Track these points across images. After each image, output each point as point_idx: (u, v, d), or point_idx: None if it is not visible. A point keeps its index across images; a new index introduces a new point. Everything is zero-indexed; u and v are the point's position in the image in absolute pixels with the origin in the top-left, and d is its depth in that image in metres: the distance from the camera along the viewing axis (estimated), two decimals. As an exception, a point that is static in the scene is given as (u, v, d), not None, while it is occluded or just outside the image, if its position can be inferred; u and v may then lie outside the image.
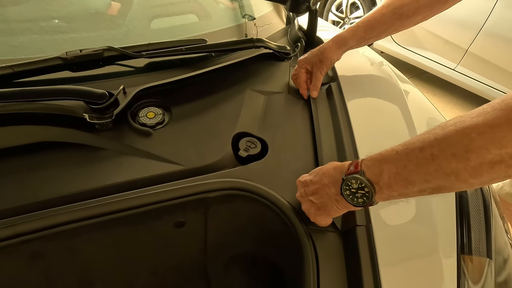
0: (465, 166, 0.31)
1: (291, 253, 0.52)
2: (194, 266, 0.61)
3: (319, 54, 0.72)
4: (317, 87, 0.72)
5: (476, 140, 0.30)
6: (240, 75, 0.77)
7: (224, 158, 0.59)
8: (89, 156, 0.55)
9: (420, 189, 0.36)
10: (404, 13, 0.65)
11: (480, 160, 0.30)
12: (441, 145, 0.33)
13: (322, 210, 0.46)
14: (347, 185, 0.41)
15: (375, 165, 0.39)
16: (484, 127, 0.30)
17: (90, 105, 0.58)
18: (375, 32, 0.68)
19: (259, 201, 0.53)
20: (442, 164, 0.33)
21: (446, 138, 0.33)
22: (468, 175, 0.32)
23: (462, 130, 0.32)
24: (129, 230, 0.51)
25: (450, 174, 0.33)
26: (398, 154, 0.37)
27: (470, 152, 0.31)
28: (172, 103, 0.66)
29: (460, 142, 0.32)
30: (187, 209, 0.53)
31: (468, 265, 0.49)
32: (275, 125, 0.66)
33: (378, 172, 0.38)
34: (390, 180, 0.37)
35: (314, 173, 0.48)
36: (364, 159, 0.41)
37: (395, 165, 0.36)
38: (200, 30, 0.89)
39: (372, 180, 0.38)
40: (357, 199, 0.40)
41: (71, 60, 0.62)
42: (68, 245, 0.48)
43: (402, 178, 0.36)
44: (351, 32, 0.70)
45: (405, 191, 0.37)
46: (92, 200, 0.48)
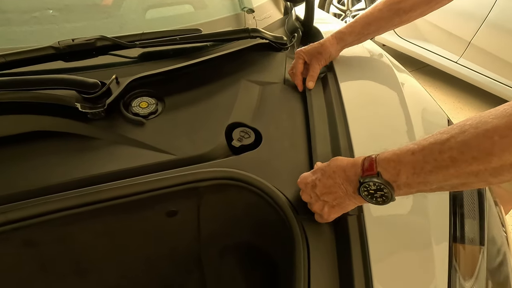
0: (486, 167, 0.31)
1: (284, 243, 0.52)
2: (188, 254, 0.62)
3: (319, 47, 0.72)
4: (313, 78, 0.72)
5: (499, 143, 0.30)
6: (235, 65, 0.76)
7: (217, 148, 0.58)
8: (82, 145, 0.55)
9: (438, 187, 0.36)
10: (401, 9, 0.65)
11: (502, 162, 0.30)
12: (461, 148, 0.32)
13: (338, 208, 0.46)
14: (365, 187, 0.40)
15: (391, 167, 0.38)
16: (507, 129, 0.30)
17: (82, 94, 0.58)
18: (373, 28, 0.69)
19: (252, 190, 0.53)
20: (462, 166, 0.33)
21: (467, 141, 0.32)
22: (488, 175, 0.32)
23: (484, 133, 0.31)
24: (121, 219, 0.51)
25: (470, 174, 0.33)
26: (415, 156, 0.36)
27: (492, 155, 0.30)
28: (165, 93, 0.66)
29: (481, 146, 0.31)
30: (179, 198, 0.53)
31: (461, 254, 0.49)
32: (270, 116, 0.66)
33: (395, 173, 0.38)
34: (408, 179, 0.37)
35: (319, 172, 0.47)
36: (378, 159, 0.40)
37: (413, 166, 0.36)
38: (196, 20, 0.88)
39: (389, 181, 0.38)
40: (376, 199, 0.41)
41: (64, 49, 0.61)
42: (60, 233, 0.49)
43: (421, 178, 0.36)
44: (349, 28, 0.71)
45: (423, 188, 0.37)
46: (84, 188, 0.48)
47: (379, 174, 0.39)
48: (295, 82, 0.73)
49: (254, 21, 0.92)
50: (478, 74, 2.17)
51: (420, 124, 0.61)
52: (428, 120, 0.64)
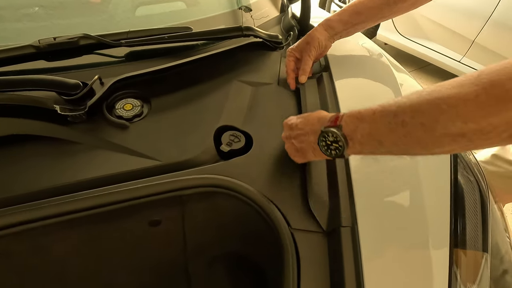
0: (430, 136, 0.33)
1: (274, 254, 0.49)
2: (174, 265, 0.59)
3: (306, 37, 0.70)
4: (305, 71, 0.68)
5: (446, 112, 0.31)
6: (226, 65, 0.73)
7: (205, 153, 0.55)
8: (60, 150, 0.52)
9: (388, 150, 0.38)
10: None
11: (444, 132, 0.31)
12: (413, 112, 0.34)
13: (300, 153, 0.50)
14: (324, 137, 0.43)
15: (352, 122, 0.40)
16: (457, 100, 0.30)
17: (62, 96, 0.55)
18: (363, 17, 0.65)
19: (239, 199, 0.50)
20: (411, 131, 0.34)
21: (419, 106, 0.33)
22: (432, 144, 0.33)
23: (435, 101, 0.32)
24: (101, 229, 0.48)
25: (416, 142, 0.34)
26: (374, 116, 0.38)
27: (437, 123, 0.31)
28: (152, 94, 0.63)
29: (430, 112, 0.32)
30: (161, 207, 0.50)
31: (462, 260, 0.46)
32: (262, 118, 0.63)
33: (354, 128, 0.39)
34: (363, 138, 0.39)
35: (301, 118, 0.50)
36: (344, 114, 0.42)
37: (370, 125, 0.38)
38: (188, 17, 0.85)
39: (347, 135, 0.40)
40: (331, 151, 0.43)
41: (44, 48, 0.59)
42: (36, 244, 0.46)
43: (374, 138, 0.38)
44: (337, 16, 0.68)
45: (374, 150, 0.39)
46: (60, 197, 0.46)
47: (340, 127, 0.41)
48: (288, 81, 0.70)
49: (251, 20, 0.89)
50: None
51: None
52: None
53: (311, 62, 0.69)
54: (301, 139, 0.48)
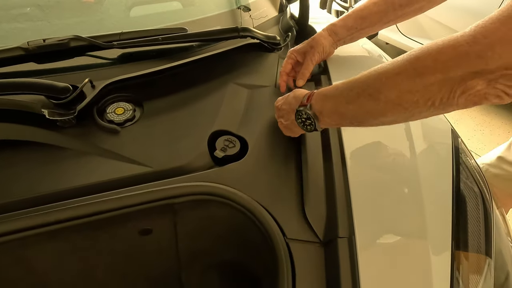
0: (376, 105, 0.38)
1: (269, 264, 0.48)
2: (167, 274, 0.57)
3: (310, 41, 0.68)
4: (304, 76, 0.67)
5: (385, 83, 0.37)
6: (222, 67, 0.71)
7: (198, 159, 0.54)
8: (48, 156, 0.50)
9: (350, 121, 0.44)
10: (397, 2, 0.61)
11: (386, 100, 0.37)
12: (363, 85, 0.40)
13: (288, 129, 0.55)
14: (299, 115, 0.49)
15: (321, 100, 0.46)
16: (392, 73, 0.37)
17: (51, 99, 0.53)
18: (367, 22, 0.64)
19: (233, 207, 0.48)
20: (362, 102, 0.40)
21: (367, 79, 0.40)
22: (378, 113, 0.39)
23: (377, 75, 0.38)
24: (88, 239, 0.47)
25: (367, 111, 0.40)
26: (337, 91, 0.44)
27: (380, 92, 0.38)
28: (144, 98, 0.61)
29: (374, 84, 0.38)
30: (152, 215, 0.48)
31: (464, 264, 0.44)
32: (258, 122, 0.61)
33: (322, 105, 0.46)
34: (329, 113, 0.45)
35: (284, 98, 0.56)
36: (315, 93, 0.48)
37: (334, 101, 0.44)
38: (185, 17, 0.83)
39: (316, 112, 0.46)
40: (306, 126, 0.49)
41: (34, 50, 0.57)
42: (20, 256, 0.44)
43: (337, 112, 0.44)
44: (342, 21, 0.67)
45: (339, 122, 0.46)
46: (46, 206, 0.44)
47: (310, 106, 0.47)
48: (279, 83, 0.69)
49: (250, 20, 0.87)
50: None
51: (420, 133, 0.56)
52: (429, 128, 0.59)
53: (312, 67, 0.67)
54: (286, 117, 0.54)
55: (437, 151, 0.55)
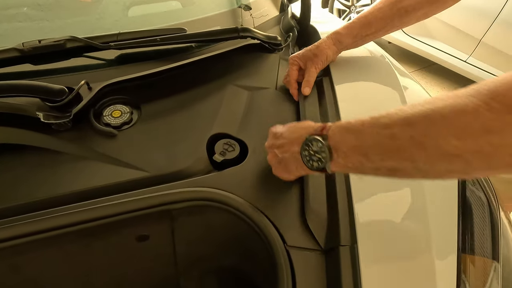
0: (420, 153, 0.29)
1: (269, 271, 0.47)
2: (165, 280, 0.56)
3: (314, 49, 0.66)
4: (309, 83, 0.65)
5: (437, 124, 0.27)
6: (222, 68, 0.69)
7: (197, 163, 0.52)
8: (42, 160, 0.49)
9: (375, 167, 0.34)
10: (403, 8, 0.59)
11: (436, 149, 0.28)
12: (404, 125, 0.30)
13: (283, 165, 0.46)
14: (307, 145, 0.40)
15: (340, 133, 0.37)
16: (450, 111, 0.27)
17: (46, 102, 0.52)
18: (372, 29, 0.62)
19: (232, 213, 0.47)
20: (400, 146, 0.30)
21: (410, 118, 0.30)
22: (423, 164, 0.29)
23: (426, 111, 0.29)
24: (83, 246, 0.46)
25: (406, 159, 0.31)
26: (363, 126, 0.35)
27: (428, 137, 0.28)
28: (142, 100, 0.60)
29: (421, 124, 0.29)
30: (149, 221, 0.47)
31: (470, 267, 0.43)
32: (258, 125, 0.59)
33: (340, 140, 0.37)
34: (348, 150, 0.36)
35: (288, 126, 0.47)
36: (333, 124, 0.39)
37: (356, 136, 0.35)
38: (184, 17, 0.82)
39: (332, 147, 0.37)
40: (312, 162, 0.40)
41: (29, 51, 0.56)
42: (11, 264, 0.43)
43: (360, 151, 0.34)
44: (347, 29, 0.64)
45: (359, 165, 0.35)
46: (39, 212, 0.43)
47: (326, 137, 0.38)
48: (291, 91, 0.66)
49: (250, 19, 0.86)
50: (489, 74, 2.07)
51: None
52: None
53: (316, 75, 0.65)
54: (284, 149, 0.44)
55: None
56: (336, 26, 0.92)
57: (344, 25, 0.66)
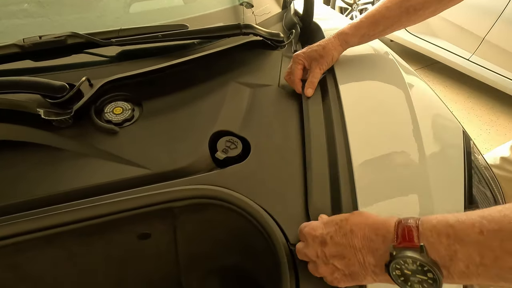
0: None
1: (272, 270, 0.46)
2: (167, 279, 0.56)
3: (320, 50, 0.63)
4: (313, 84, 0.63)
5: None
6: (224, 65, 0.69)
7: (199, 161, 0.52)
8: (43, 157, 0.48)
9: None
10: (411, 6, 0.58)
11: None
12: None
13: (352, 278, 0.35)
14: (399, 264, 0.29)
15: (443, 243, 0.27)
16: None
17: (47, 99, 0.52)
18: (380, 28, 0.61)
19: (235, 211, 0.46)
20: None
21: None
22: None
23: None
24: (84, 244, 0.45)
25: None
26: (485, 236, 0.25)
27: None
28: (144, 97, 0.59)
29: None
30: (151, 219, 0.47)
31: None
32: (260, 123, 0.59)
33: (449, 254, 0.27)
34: (470, 270, 0.26)
35: (333, 225, 0.36)
36: (421, 224, 0.29)
37: (481, 253, 0.25)
38: (186, 14, 0.81)
39: (438, 263, 0.28)
40: (413, 284, 0.29)
41: (29, 48, 0.55)
42: (12, 262, 0.43)
43: (492, 273, 0.26)
44: (354, 29, 0.62)
45: (486, 284, 0.27)
46: (40, 209, 0.42)
47: (423, 248, 0.28)
48: (296, 90, 0.65)
49: (252, 16, 0.85)
50: (492, 72, 2.05)
51: (430, 136, 0.54)
52: (440, 131, 0.56)
53: (320, 75, 0.64)
54: (348, 260, 0.33)
55: (448, 155, 0.53)
56: (339, 23, 0.92)
57: (351, 25, 0.64)
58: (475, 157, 0.53)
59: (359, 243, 0.33)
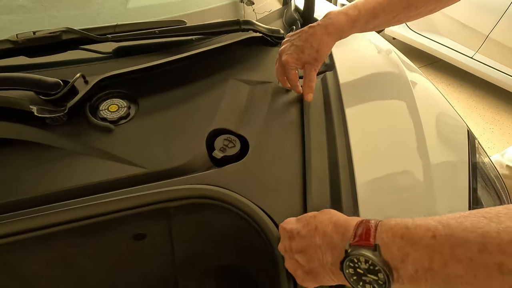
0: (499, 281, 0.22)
1: (269, 270, 0.45)
2: (163, 279, 0.55)
3: (314, 53, 0.56)
4: (312, 88, 0.58)
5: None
6: (223, 62, 0.67)
7: (196, 160, 0.50)
8: (36, 155, 0.47)
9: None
10: (413, 3, 0.55)
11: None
12: (476, 242, 0.23)
13: (312, 276, 0.35)
14: (352, 262, 0.29)
15: (397, 244, 0.27)
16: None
17: (40, 96, 0.51)
18: (377, 22, 0.57)
19: (232, 211, 0.45)
20: (472, 268, 0.23)
21: (486, 235, 0.22)
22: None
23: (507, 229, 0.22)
24: (77, 244, 0.44)
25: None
26: (437, 241, 0.25)
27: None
28: (140, 94, 0.58)
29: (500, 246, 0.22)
30: (146, 220, 0.46)
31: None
32: (259, 121, 0.57)
33: (401, 256, 0.27)
34: (418, 274, 0.26)
35: (303, 221, 0.37)
36: (380, 225, 0.29)
37: (430, 257, 0.25)
38: (185, 9, 0.79)
39: (390, 264, 0.27)
40: (364, 284, 0.29)
41: (23, 43, 0.54)
42: (4, 262, 0.42)
43: (439, 279, 0.25)
44: (351, 24, 0.56)
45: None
46: (32, 209, 0.41)
47: (377, 247, 0.28)
48: (295, 91, 0.60)
49: (253, 13, 0.84)
50: (495, 70, 2.03)
51: (434, 135, 0.52)
52: (444, 130, 0.55)
53: (316, 77, 0.58)
54: (309, 255, 0.34)
55: (453, 153, 0.51)
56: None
57: (348, 17, 0.58)
58: (479, 155, 0.51)
59: (319, 240, 0.33)
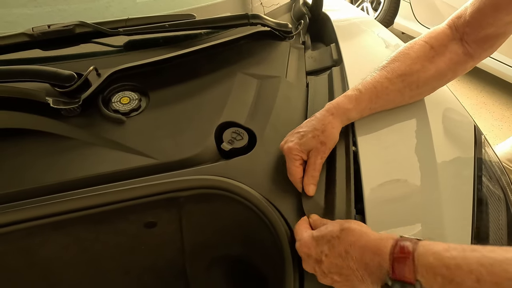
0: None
1: (276, 260, 0.46)
2: (172, 266, 0.57)
3: (320, 134, 0.48)
4: (315, 178, 0.48)
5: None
6: (231, 56, 0.68)
7: (205, 151, 0.52)
8: (51, 145, 0.49)
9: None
10: (414, 82, 0.51)
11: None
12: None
13: (350, 282, 0.37)
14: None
15: (438, 282, 0.28)
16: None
17: (56, 88, 0.52)
18: (381, 101, 0.52)
19: (240, 202, 0.47)
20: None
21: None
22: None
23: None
24: (91, 231, 0.46)
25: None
26: (480, 285, 0.26)
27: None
28: (151, 87, 0.59)
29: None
30: (157, 208, 0.47)
31: None
32: (267, 114, 0.58)
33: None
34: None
35: (325, 242, 0.37)
36: (417, 258, 0.29)
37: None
38: (193, 3, 0.80)
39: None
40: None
41: (38, 36, 0.55)
42: (22, 246, 0.44)
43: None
44: (354, 102, 0.51)
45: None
46: (48, 196, 0.43)
47: (420, 285, 0.29)
48: (297, 188, 0.49)
49: (260, 7, 0.84)
50: (506, 66, 1.99)
51: (440, 129, 0.53)
52: (450, 125, 0.55)
53: (321, 166, 0.49)
54: (346, 276, 0.35)
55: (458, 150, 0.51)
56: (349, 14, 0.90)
57: (349, 97, 0.51)
58: (485, 152, 0.52)
59: (354, 265, 0.34)
